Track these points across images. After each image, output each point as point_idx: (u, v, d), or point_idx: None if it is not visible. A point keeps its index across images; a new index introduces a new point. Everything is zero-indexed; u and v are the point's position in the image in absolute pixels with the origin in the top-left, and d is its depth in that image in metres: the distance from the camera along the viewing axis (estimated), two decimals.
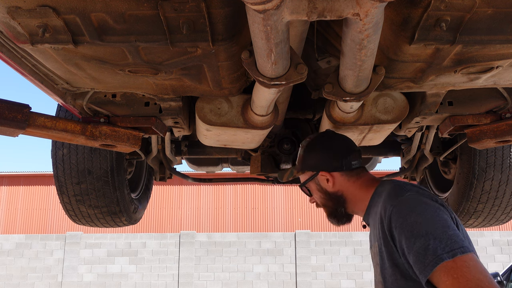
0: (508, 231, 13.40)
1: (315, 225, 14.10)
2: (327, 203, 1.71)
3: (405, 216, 1.36)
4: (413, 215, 1.34)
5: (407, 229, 1.33)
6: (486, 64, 1.62)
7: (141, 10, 1.30)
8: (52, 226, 14.15)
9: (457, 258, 1.23)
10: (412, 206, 1.37)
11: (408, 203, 1.38)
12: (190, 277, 13.00)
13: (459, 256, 1.23)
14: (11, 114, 1.88)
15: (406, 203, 1.39)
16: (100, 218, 3.03)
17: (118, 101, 2.14)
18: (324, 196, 1.71)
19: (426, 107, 2.12)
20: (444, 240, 1.26)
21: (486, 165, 2.84)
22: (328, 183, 1.68)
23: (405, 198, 1.40)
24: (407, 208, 1.37)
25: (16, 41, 1.43)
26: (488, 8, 1.33)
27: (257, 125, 2.15)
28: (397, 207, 1.39)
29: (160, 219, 14.14)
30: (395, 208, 1.39)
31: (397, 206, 1.39)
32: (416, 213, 1.34)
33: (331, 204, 1.70)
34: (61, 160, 2.76)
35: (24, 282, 12.91)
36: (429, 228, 1.30)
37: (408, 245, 1.32)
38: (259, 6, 1.00)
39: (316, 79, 2.26)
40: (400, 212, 1.37)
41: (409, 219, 1.34)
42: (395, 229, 1.37)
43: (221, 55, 1.53)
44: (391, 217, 1.39)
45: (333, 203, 1.69)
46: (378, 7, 1.07)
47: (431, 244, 1.27)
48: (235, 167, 4.03)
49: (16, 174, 14.67)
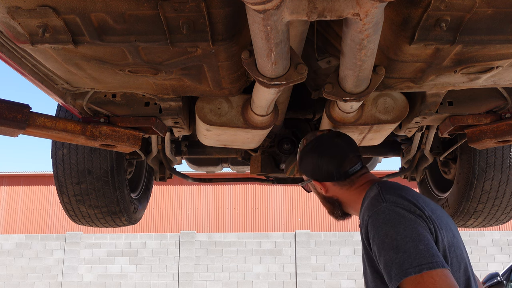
0: (508, 231, 13.40)
1: (315, 225, 14.10)
2: (324, 204, 1.77)
3: (377, 228, 1.36)
4: (385, 228, 1.34)
5: (379, 241, 1.34)
6: (486, 64, 1.62)
7: (141, 10, 1.30)
8: (52, 226, 14.15)
9: (424, 274, 1.22)
10: (386, 218, 1.37)
11: (383, 214, 1.38)
12: (190, 277, 13.00)
13: (426, 272, 1.22)
14: (11, 114, 1.88)
15: (381, 214, 1.38)
16: (100, 218, 3.03)
17: (118, 101, 2.14)
18: (320, 199, 1.77)
19: (426, 107, 2.12)
20: (413, 255, 1.26)
21: (486, 165, 2.84)
22: (321, 190, 1.72)
23: (381, 209, 1.40)
24: (381, 220, 1.37)
25: (16, 41, 1.43)
26: (488, 8, 1.33)
27: (257, 125, 2.15)
28: (372, 217, 1.40)
29: (160, 219, 14.14)
30: (370, 219, 1.41)
31: (372, 216, 1.40)
32: (389, 226, 1.34)
33: (328, 205, 1.75)
34: (61, 160, 2.76)
35: (24, 282, 12.91)
36: (400, 241, 1.29)
37: (379, 257, 1.33)
38: (259, 6, 1.00)
39: (316, 79, 2.26)
40: (374, 224, 1.38)
41: (381, 231, 1.35)
42: (371, 240, 1.39)
43: (221, 55, 1.53)
44: (367, 227, 1.41)
45: (329, 205, 1.74)
46: (378, 7, 1.07)
47: (399, 258, 1.26)
48: (235, 167, 4.03)
49: (16, 174, 14.67)
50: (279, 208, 14.28)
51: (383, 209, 1.39)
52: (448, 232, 1.42)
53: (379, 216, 1.38)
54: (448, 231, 1.42)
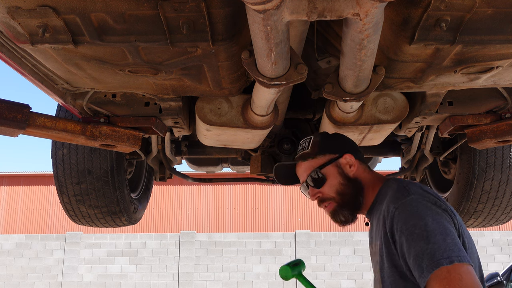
0: (508, 231, 13.40)
1: (315, 225, 14.09)
2: (346, 190, 1.58)
3: (406, 220, 1.35)
4: (413, 219, 1.33)
5: (408, 232, 1.32)
6: (486, 64, 1.62)
7: (141, 10, 1.30)
8: (52, 226, 14.14)
9: (454, 265, 1.23)
10: (414, 210, 1.35)
11: (410, 206, 1.37)
12: (190, 277, 13.00)
13: (456, 264, 1.23)
14: (11, 114, 1.88)
15: (408, 206, 1.37)
16: (100, 218, 3.03)
17: (118, 101, 2.14)
18: (344, 182, 1.59)
19: (426, 107, 2.12)
20: (443, 247, 1.26)
21: (486, 165, 2.84)
22: (350, 168, 1.61)
23: (408, 200, 1.39)
24: (409, 211, 1.36)
25: (16, 41, 1.43)
26: (488, 8, 1.33)
27: (257, 125, 2.15)
28: (399, 209, 1.38)
29: (160, 219, 14.14)
30: (397, 211, 1.38)
31: (399, 208, 1.38)
32: (417, 218, 1.33)
33: (350, 191, 1.58)
34: (61, 160, 2.76)
35: (24, 282, 12.91)
36: (429, 233, 1.29)
37: (407, 249, 1.32)
38: (259, 6, 1.00)
39: (316, 79, 2.26)
40: (401, 215, 1.36)
41: (410, 222, 1.33)
42: (396, 232, 1.36)
43: (221, 55, 1.53)
44: (393, 219, 1.38)
45: (353, 189, 1.59)
46: (378, 7, 1.07)
47: (429, 249, 1.26)
48: (235, 167, 4.03)
49: (16, 174, 14.67)
50: (279, 208, 14.28)
51: (410, 201, 1.38)
52: (465, 229, 1.43)
53: (406, 208, 1.36)
54: (465, 227, 1.43)
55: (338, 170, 1.61)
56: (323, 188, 1.61)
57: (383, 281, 1.43)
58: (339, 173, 1.60)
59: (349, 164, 1.62)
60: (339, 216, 1.59)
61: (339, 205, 1.59)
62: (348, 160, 1.62)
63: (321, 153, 1.64)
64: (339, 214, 1.59)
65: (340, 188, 1.59)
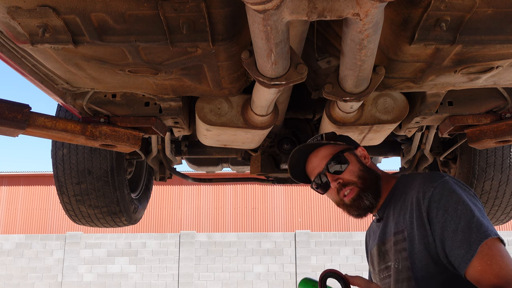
0: (508, 231, 13.41)
1: (315, 225, 14.09)
2: (366, 175, 1.55)
3: (448, 197, 1.36)
4: (455, 196, 1.35)
5: (452, 208, 1.34)
6: (486, 64, 1.62)
7: (141, 10, 1.30)
8: (52, 226, 14.15)
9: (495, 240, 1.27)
10: (452, 189, 1.37)
11: (449, 185, 1.39)
12: (190, 277, 13.00)
13: (496, 238, 1.27)
14: (11, 114, 1.88)
15: (447, 185, 1.39)
16: (100, 218, 3.03)
17: (118, 101, 2.14)
18: (362, 168, 1.57)
19: (426, 107, 2.12)
20: (485, 223, 1.29)
21: (486, 165, 2.84)
22: (365, 160, 1.61)
23: (447, 180, 1.41)
24: (448, 190, 1.38)
25: (16, 41, 1.43)
26: (488, 8, 1.33)
27: (257, 125, 2.15)
28: (438, 188, 1.39)
29: (160, 219, 14.14)
30: (436, 190, 1.38)
31: (438, 187, 1.39)
32: (458, 195, 1.35)
33: (371, 176, 1.56)
34: (61, 160, 2.76)
35: (24, 282, 12.91)
36: (473, 209, 1.32)
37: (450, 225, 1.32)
38: (259, 6, 1.00)
39: (316, 79, 2.26)
40: (442, 193, 1.37)
41: (452, 198, 1.35)
42: (436, 210, 1.36)
43: (221, 55, 1.53)
44: (431, 198, 1.38)
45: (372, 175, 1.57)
46: (378, 7, 1.07)
47: (475, 223, 1.29)
48: (235, 167, 4.03)
49: (16, 174, 14.67)
50: (279, 208, 14.28)
51: (448, 180, 1.40)
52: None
53: (446, 186, 1.38)
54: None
55: (356, 158, 1.59)
56: (344, 174, 1.55)
57: (414, 266, 1.40)
58: (358, 161, 1.59)
59: (363, 156, 1.62)
60: (362, 200, 1.52)
61: (362, 189, 1.53)
62: (363, 153, 1.63)
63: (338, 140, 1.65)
64: (362, 198, 1.52)
65: (361, 173, 1.55)
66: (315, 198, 14.32)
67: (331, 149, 1.60)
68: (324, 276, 1.37)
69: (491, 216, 3.08)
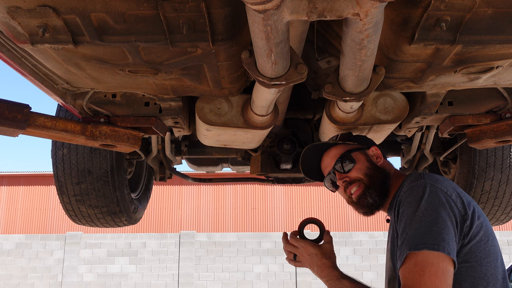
0: (508, 231, 13.40)
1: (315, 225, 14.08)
2: (374, 173, 1.59)
3: (405, 200, 1.38)
4: (412, 201, 1.36)
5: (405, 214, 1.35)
6: (486, 64, 1.62)
7: (141, 10, 1.30)
8: (52, 226, 14.14)
9: (423, 252, 1.24)
10: (416, 193, 1.38)
11: (416, 189, 1.39)
12: (190, 277, 13.00)
13: (424, 251, 1.24)
14: (11, 114, 1.88)
15: (415, 188, 1.40)
16: (100, 218, 3.03)
17: (118, 101, 2.14)
18: (372, 167, 1.60)
19: (426, 107, 2.12)
20: (423, 233, 1.27)
21: (486, 165, 2.84)
22: (377, 160, 1.64)
23: (416, 185, 1.41)
24: (413, 193, 1.38)
25: (16, 41, 1.43)
26: (488, 8, 1.33)
27: (257, 125, 2.15)
28: (407, 192, 1.41)
29: (160, 219, 14.13)
30: (405, 194, 1.41)
31: (407, 192, 1.41)
32: (416, 200, 1.35)
33: (379, 174, 1.59)
34: (61, 160, 2.76)
35: (24, 282, 12.91)
36: (416, 218, 1.31)
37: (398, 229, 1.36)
38: (259, 6, 1.00)
39: (316, 79, 2.26)
40: (405, 197, 1.40)
41: (407, 202, 1.37)
42: (399, 213, 1.40)
43: (221, 55, 1.53)
44: (401, 202, 1.41)
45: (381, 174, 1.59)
46: (378, 7, 1.07)
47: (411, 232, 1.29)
48: (235, 167, 4.03)
49: (16, 174, 14.66)
50: (279, 208, 14.27)
51: (419, 184, 1.40)
52: (487, 221, 1.42)
53: (412, 191, 1.39)
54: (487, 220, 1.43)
55: (366, 158, 1.63)
56: (351, 172, 1.60)
57: (395, 267, 1.42)
58: (367, 160, 1.62)
59: (376, 155, 1.65)
60: (366, 198, 1.56)
61: (367, 187, 1.56)
62: (375, 152, 1.65)
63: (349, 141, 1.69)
64: (367, 196, 1.56)
65: (368, 171, 1.59)
66: (315, 198, 14.32)
67: (341, 148, 1.66)
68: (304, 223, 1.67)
69: (491, 216, 3.08)
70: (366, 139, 1.75)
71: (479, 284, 1.30)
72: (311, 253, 1.61)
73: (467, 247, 1.32)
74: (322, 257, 1.58)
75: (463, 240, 1.32)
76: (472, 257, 1.32)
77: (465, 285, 1.30)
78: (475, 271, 1.31)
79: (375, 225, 13.87)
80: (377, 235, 13.05)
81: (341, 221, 14.09)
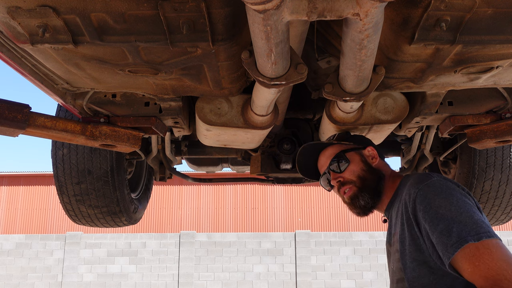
0: (508, 231, 13.40)
1: (315, 225, 14.09)
2: (367, 175, 1.60)
3: (430, 200, 1.35)
4: (438, 199, 1.33)
5: (432, 212, 1.32)
6: (486, 64, 1.62)
7: (141, 10, 1.30)
8: (52, 226, 14.14)
9: (482, 242, 1.23)
10: (437, 190, 1.36)
11: (434, 187, 1.37)
12: (190, 277, 13.00)
13: (484, 240, 1.23)
14: (11, 114, 1.88)
15: (432, 187, 1.38)
16: (100, 218, 3.03)
17: (118, 101, 2.14)
18: (366, 168, 1.61)
19: (426, 107, 2.12)
20: (470, 224, 1.26)
21: (486, 165, 2.84)
22: (372, 160, 1.64)
23: (431, 182, 1.39)
24: (432, 191, 1.36)
25: (16, 41, 1.43)
26: (488, 8, 1.33)
27: (257, 125, 2.16)
28: (422, 190, 1.38)
29: (160, 219, 14.14)
30: (420, 192, 1.38)
31: (423, 189, 1.38)
32: (442, 197, 1.33)
33: (372, 176, 1.60)
34: (61, 160, 2.76)
35: (24, 282, 12.91)
36: (454, 212, 1.29)
37: (432, 228, 1.31)
38: (259, 6, 1.00)
39: (316, 79, 2.26)
40: (425, 196, 1.36)
41: (435, 202, 1.33)
42: (420, 212, 1.35)
43: (221, 55, 1.53)
44: (415, 200, 1.38)
45: (374, 176, 1.60)
46: (378, 7, 1.07)
47: (455, 227, 1.26)
48: (235, 167, 4.03)
49: (16, 174, 14.66)
50: (279, 208, 14.28)
51: (434, 182, 1.39)
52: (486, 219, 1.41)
53: (430, 189, 1.37)
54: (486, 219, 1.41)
55: (361, 158, 1.64)
56: (344, 173, 1.61)
57: (405, 268, 1.41)
58: (362, 161, 1.63)
59: (371, 156, 1.65)
60: (358, 200, 1.58)
61: (359, 189, 1.58)
62: (371, 153, 1.66)
63: (346, 141, 1.71)
64: (358, 198, 1.58)
65: (362, 173, 1.60)
66: (315, 198, 14.32)
67: (336, 148, 1.68)
68: None
69: (491, 216, 3.08)
70: (363, 139, 1.75)
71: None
72: None
73: None
74: None
75: None
76: None
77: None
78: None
79: (375, 225, 13.87)
80: (377, 235, 13.05)
81: (341, 221, 14.10)
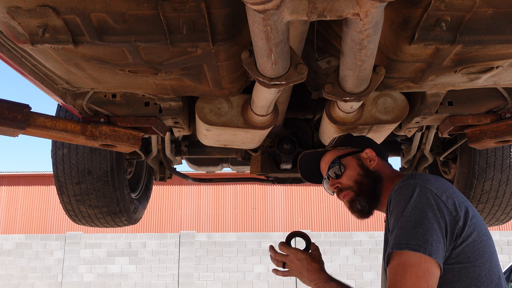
0: (508, 231, 13.40)
1: (315, 225, 14.09)
2: (363, 180, 1.61)
3: (394, 200, 1.38)
4: (400, 201, 1.36)
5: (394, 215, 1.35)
6: (486, 64, 1.62)
7: (141, 10, 1.30)
8: (52, 226, 14.14)
9: (404, 252, 1.25)
10: (404, 193, 1.37)
11: (405, 189, 1.38)
12: (190, 277, 13.00)
13: (406, 251, 1.25)
14: (11, 114, 1.88)
15: (404, 188, 1.39)
16: (100, 218, 3.03)
17: (118, 101, 2.14)
18: (363, 173, 1.62)
19: (426, 107, 2.12)
20: (406, 234, 1.27)
21: (486, 165, 2.84)
22: (370, 162, 1.64)
23: (406, 184, 1.40)
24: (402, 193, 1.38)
25: (16, 41, 1.43)
26: (488, 8, 1.33)
27: (257, 125, 2.16)
28: (396, 192, 1.40)
29: (160, 219, 14.13)
30: (394, 193, 1.40)
31: (396, 191, 1.40)
32: (403, 200, 1.35)
33: (368, 181, 1.61)
34: (61, 160, 2.76)
35: (24, 282, 12.90)
36: (403, 218, 1.31)
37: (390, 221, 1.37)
38: (259, 6, 1.00)
39: (316, 79, 2.26)
40: (394, 196, 1.40)
41: (395, 202, 1.37)
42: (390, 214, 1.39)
43: (221, 55, 1.53)
44: (389, 202, 1.41)
45: (372, 180, 1.61)
46: (378, 7, 1.07)
47: (396, 232, 1.30)
48: (235, 167, 4.03)
49: (16, 174, 14.66)
50: (279, 208, 14.28)
51: (408, 184, 1.39)
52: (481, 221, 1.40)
53: (402, 190, 1.38)
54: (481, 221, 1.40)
55: (358, 162, 1.65)
56: (342, 179, 1.64)
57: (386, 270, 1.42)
58: (359, 165, 1.64)
59: (369, 158, 1.65)
60: (355, 204, 1.60)
61: (356, 194, 1.61)
62: (369, 155, 1.65)
63: (343, 145, 1.70)
64: (355, 202, 1.60)
65: (358, 178, 1.62)
66: (315, 198, 14.32)
67: (333, 154, 1.69)
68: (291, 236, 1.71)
69: (491, 216, 3.08)
70: (363, 140, 1.75)
71: (472, 285, 1.29)
72: (301, 258, 1.64)
73: (459, 248, 1.31)
74: (312, 262, 1.61)
75: (455, 241, 1.31)
76: (465, 258, 1.31)
77: (458, 286, 1.29)
78: (468, 272, 1.30)
79: (375, 225, 13.87)
80: (377, 235, 13.05)
81: (341, 221, 14.09)
